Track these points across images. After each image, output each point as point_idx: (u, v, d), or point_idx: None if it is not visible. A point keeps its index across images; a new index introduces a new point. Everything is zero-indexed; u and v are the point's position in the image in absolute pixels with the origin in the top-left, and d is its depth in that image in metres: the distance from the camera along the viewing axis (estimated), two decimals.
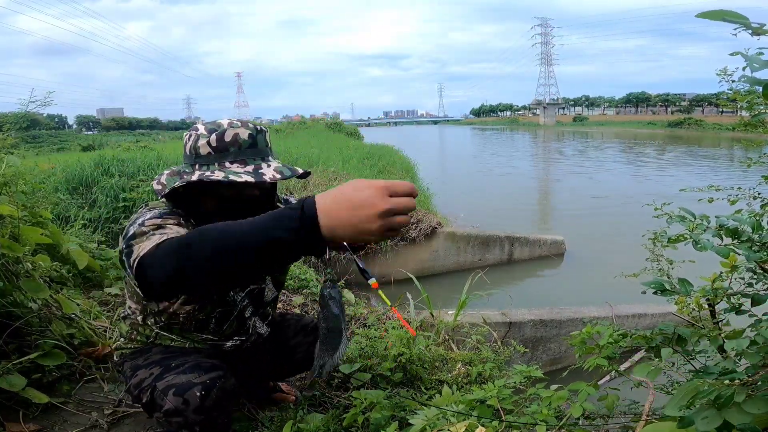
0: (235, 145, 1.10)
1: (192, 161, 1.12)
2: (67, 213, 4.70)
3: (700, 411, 0.66)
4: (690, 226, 1.00)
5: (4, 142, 1.79)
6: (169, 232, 0.98)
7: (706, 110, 67.32)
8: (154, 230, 0.97)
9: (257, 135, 1.13)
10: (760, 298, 0.99)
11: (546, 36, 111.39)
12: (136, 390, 1.16)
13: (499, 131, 68.65)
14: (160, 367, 1.16)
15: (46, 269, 1.74)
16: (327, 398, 1.80)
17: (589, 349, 1.27)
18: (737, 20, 0.56)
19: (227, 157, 1.10)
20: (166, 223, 1.02)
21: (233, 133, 1.10)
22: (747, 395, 0.64)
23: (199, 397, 1.05)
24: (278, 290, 1.45)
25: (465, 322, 2.75)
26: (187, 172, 1.12)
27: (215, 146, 1.09)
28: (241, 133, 1.11)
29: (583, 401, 1.20)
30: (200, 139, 1.11)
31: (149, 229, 0.97)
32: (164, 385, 1.10)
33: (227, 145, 1.10)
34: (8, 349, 1.52)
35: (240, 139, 1.10)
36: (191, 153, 1.12)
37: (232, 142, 1.10)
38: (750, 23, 0.57)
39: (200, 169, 1.09)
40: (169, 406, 1.06)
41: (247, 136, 1.11)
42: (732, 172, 14.62)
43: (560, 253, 6.99)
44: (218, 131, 1.10)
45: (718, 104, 1.37)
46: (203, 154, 1.10)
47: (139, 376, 1.18)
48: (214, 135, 1.10)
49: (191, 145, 1.12)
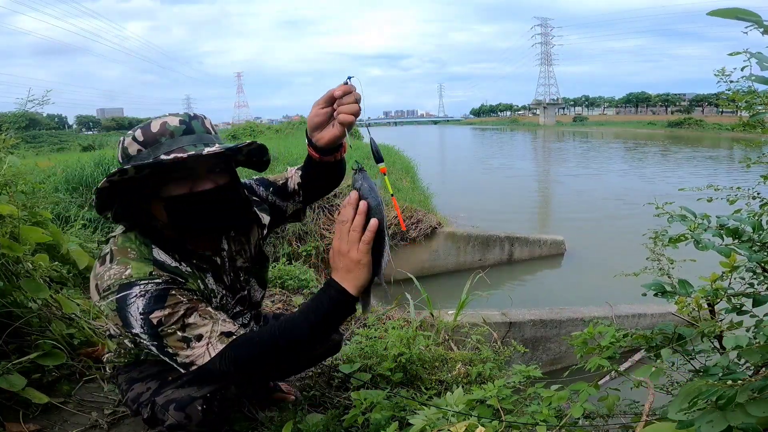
0: (166, 134, 1.00)
1: (124, 163, 1.02)
2: (67, 213, 4.70)
3: (705, 415, 0.66)
4: (691, 225, 1.00)
5: (4, 142, 1.78)
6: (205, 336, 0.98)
7: (706, 110, 67.30)
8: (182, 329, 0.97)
9: (191, 121, 1.03)
10: (760, 299, 0.99)
11: (546, 36, 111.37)
12: (134, 404, 1.15)
13: (499, 131, 68.64)
14: (156, 381, 1.14)
15: (46, 269, 1.73)
16: (327, 398, 1.80)
17: (590, 349, 1.27)
18: (750, 18, 0.56)
19: (160, 149, 0.99)
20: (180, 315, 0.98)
21: (160, 122, 1.01)
22: (750, 397, 0.64)
23: (201, 411, 1.06)
24: (263, 288, 1.41)
25: (465, 322, 2.75)
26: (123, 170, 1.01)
27: (142, 140, 1.00)
28: (170, 121, 1.01)
29: (583, 402, 1.19)
30: (126, 139, 1.02)
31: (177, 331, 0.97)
32: (164, 400, 1.08)
33: (156, 136, 1.00)
34: (8, 349, 1.52)
35: (169, 126, 1.00)
36: (122, 158, 1.03)
37: (161, 132, 1.00)
38: (762, 21, 0.57)
39: (134, 167, 0.98)
40: (171, 421, 1.06)
41: (177, 122, 1.01)
42: (746, 173, 14.59)
43: (560, 253, 6.99)
44: (144, 125, 1.02)
45: (718, 104, 1.37)
46: (132, 153, 1.01)
47: (135, 390, 1.16)
48: (139, 129, 1.02)
49: (120, 149, 1.03)
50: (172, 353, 0.99)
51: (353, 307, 0.99)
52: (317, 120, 1.09)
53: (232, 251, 1.24)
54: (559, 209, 11.26)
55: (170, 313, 0.97)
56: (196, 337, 0.98)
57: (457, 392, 1.37)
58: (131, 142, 1.01)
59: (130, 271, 1.00)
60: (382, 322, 2.60)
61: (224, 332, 0.99)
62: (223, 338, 0.99)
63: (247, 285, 1.31)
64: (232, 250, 1.24)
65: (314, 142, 1.15)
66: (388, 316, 2.74)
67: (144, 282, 0.99)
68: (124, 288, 0.99)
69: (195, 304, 1.01)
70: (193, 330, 0.98)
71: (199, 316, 0.99)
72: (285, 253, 5.15)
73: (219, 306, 1.19)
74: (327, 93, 1.04)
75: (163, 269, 1.04)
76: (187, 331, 0.98)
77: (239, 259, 1.27)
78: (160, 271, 1.03)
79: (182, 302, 0.99)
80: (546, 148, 32.23)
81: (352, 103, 1.02)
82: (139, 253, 1.05)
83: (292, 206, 1.39)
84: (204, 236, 1.16)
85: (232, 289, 1.25)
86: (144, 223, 1.08)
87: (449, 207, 8.85)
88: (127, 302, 0.98)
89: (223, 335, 0.99)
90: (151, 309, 0.97)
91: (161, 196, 1.04)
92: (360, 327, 2.56)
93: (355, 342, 2.08)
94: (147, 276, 1.00)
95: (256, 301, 1.37)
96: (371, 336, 2.18)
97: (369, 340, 2.09)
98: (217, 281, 1.19)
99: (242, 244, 1.28)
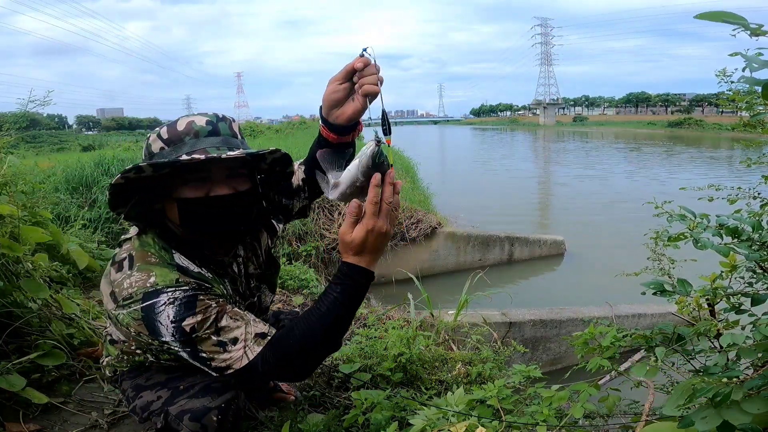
0: (191, 134, 0.97)
1: (146, 159, 1.01)
2: (67, 213, 4.70)
3: (700, 411, 0.66)
4: (690, 224, 1.00)
5: (4, 142, 1.79)
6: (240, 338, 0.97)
7: (706, 110, 67.32)
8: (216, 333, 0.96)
9: (218, 122, 1.00)
10: (759, 298, 0.99)
11: (546, 36, 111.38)
12: (143, 412, 1.13)
13: (499, 131, 68.66)
14: (167, 390, 1.11)
15: (46, 269, 1.73)
16: (327, 398, 1.80)
17: (591, 349, 1.27)
18: (736, 21, 0.56)
19: (182, 149, 0.97)
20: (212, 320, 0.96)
21: (187, 121, 0.99)
22: (746, 394, 0.64)
23: (217, 422, 1.04)
24: (273, 294, 1.40)
25: (465, 322, 2.75)
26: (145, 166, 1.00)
27: (167, 138, 0.98)
28: (196, 120, 0.99)
29: (584, 402, 1.19)
30: (152, 135, 1.01)
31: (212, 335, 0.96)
32: (178, 410, 1.06)
33: (181, 134, 0.97)
34: (8, 349, 1.52)
35: (195, 126, 0.98)
36: (145, 154, 1.01)
37: (185, 131, 0.98)
38: (749, 24, 0.57)
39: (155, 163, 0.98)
40: (186, 431, 1.05)
41: (204, 122, 0.99)
42: (751, 174, 14.57)
43: (560, 253, 6.99)
44: (171, 123, 1.00)
45: (718, 104, 1.37)
46: (155, 151, 0.99)
47: (144, 398, 1.13)
48: (166, 127, 1.00)
49: (145, 144, 1.01)
50: (207, 358, 0.97)
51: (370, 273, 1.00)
52: (335, 96, 1.05)
53: (246, 258, 1.24)
54: (559, 209, 11.26)
55: (203, 318, 0.95)
56: (232, 340, 0.97)
57: (458, 392, 1.37)
58: (155, 138, 0.99)
59: (154, 278, 0.97)
60: (382, 322, 2.60)
61: (258, 333, 0.98)
62: (258, 340, 0.98)
63: (257, 291, 1.30)
64: (246, 256, 1.23)
65: (332, 121, 1.10)
66: (388, 316, 2.74)
67: (171, 289, 0.96)
68: (150, 296, 0.96)
69: (223, 306, 0.99)
70: (227, 333, 0.97)
71: (230, 319, 0.98)
72: (285, 253, 5.15)
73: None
74: (344, 68, 1.02)
75: (187, 275, 1.01)
76: (222, 335, 0.96)
77: (251, 265, 1.26)
78: (185, 277, 1.00)
79: (212, 306, 0.97)
80: (546, 148, 32.24)
81: (373, 74, 0.99)
82: (161, 258, 1.02)
83: (298, 203, 1.36)
84: (219, 241, 1.13)
85: (243, 296, 1.24)
86: (158, 224, 1.06)
87: (449, 207, 8.85)
88: (155, 311, 0.95)
89: (258, 337, 0.98)
90: (182, 316, 0.94)
91: (175, 197, 1.01)
92: (360, 327, 2.57)
93: (355, 342, 2.08)
94: (174, 283, 0.97)
95: (266, 307, 1.36)
96: (371, 336, 2.18)
97: (369, 340, 2.09)
98: (233, 286, 1.18)
99: (254, 249, 1.27)
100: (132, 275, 0.98)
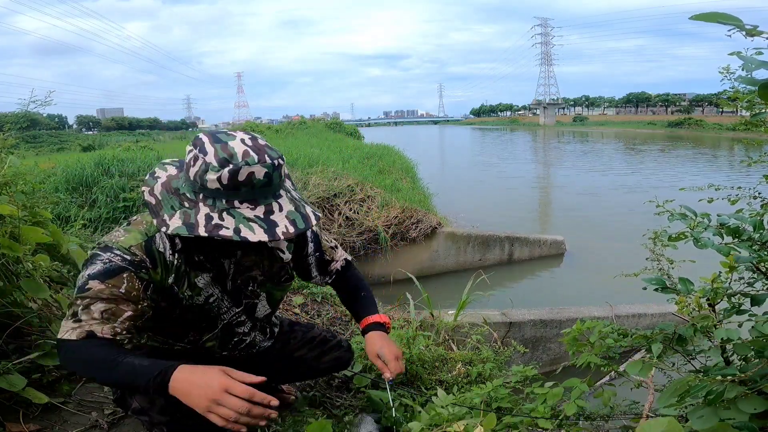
0: (249, 185, 0.98)
1: (196, 189, 1.01)
2: (67, 213, 4.70)
3: (696, 410, 0.66)
4: (691, 224, 1.00)
5: (5, 142, 1.79)
6: (84, 323, 0.99)
7: (706, 110, 67.31)
8: (76, 312, 0.99)
9: (273, 172, 1.01)
10: (759, 298, 0.99)
11: (546, 36, 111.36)
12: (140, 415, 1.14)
13: (499, 131, 68.66)
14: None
15: (46, 269, 1.73)
16: (327, 399, 1.80)
17: (581, 345, 1.27)
18: (731, 22, 0.56)
19: (237, 197, 0.98)
20: (97, 298, 0.99)
21: (248, 172, 0.97)
22: (743, 393, 0.64)
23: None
24: (273, 308, 1.37)
25: (465, 322, 2.75)
26: (189, 199, 1.01)
27: (226, 184, 0.97)
28: (256, 173, 0.98)
29: (576, 398, 1.20)
30: (210, 171, 0.97)
31: (77, 307, 1.00)
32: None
33: (239, 184, 0.98)
34: (8, 349, 1.52)
35: (255, 179, 0.98)
36: (196, 181, 1.00)
37: (245, 182, 0.98)
38: (744, 25, 0.57)
39: (205, 204, 0.99)
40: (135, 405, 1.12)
41: (263, 175, 0.99)
42: (752, 174, 14.55)
43: (560, 253, 6.99)
44: (231, 168, 0.96)
45: (719, 104, 1.37)
46: (211, 188, 0.99)
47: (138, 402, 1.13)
48: (227, 172, 0.96)
49: (197, 172, 0.99)
50: (66, 314, 1.02)
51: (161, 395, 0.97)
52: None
53: (247, 259, 1.23)
54: (559, 209, 11.26)
55: (101, 290, 1.00)
56: (76, 317, 1.00)
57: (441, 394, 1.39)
58: (214, 180, 0.97)
59: (123, 238, 1.06)
60: None
61: (89, 330, 0.99)
62: (81, 333, 0.99)
63: (254, 298, 1.29)
64: (246, 258, 1.22)
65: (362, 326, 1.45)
66: (388, 316, 2.74)
67: (117, 253, 1.03)
68: (102, 249, 1.04)
69: (118, 298, 1.01)
70: (85, 312, 0.99)
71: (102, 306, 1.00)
72: None
73: (206, 306, 1.18)
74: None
75: (148, 252, 1.06)
76: (83, 310, 1.00)
77: (256, 270, 1.26)
78: (140, 249, 1.05)
79: (115, 288, 1.01)
80: (546, 148, 32.24)
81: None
82: (147, 228, 1.09)
83: (318, 279, 1.46)
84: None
85: (232, 296, 1.23)
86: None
87: (449, 207, 8.86)
88: (93, 261, 1.03)
89: (85, 331, 0.99)
90: (94, 276, 1.01)
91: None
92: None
93: (356, 343, 2.08)
94: (124, 248, 1.04)
95: (258, 317, 1.34)
96: None
97: None
98: (215, 282, 1.18)
99: (261, 255, 1.26)
100: (119, 230, 1.09)
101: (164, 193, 1.06)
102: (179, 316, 1.16)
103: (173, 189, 1.05)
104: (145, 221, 1.10)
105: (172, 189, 1.05)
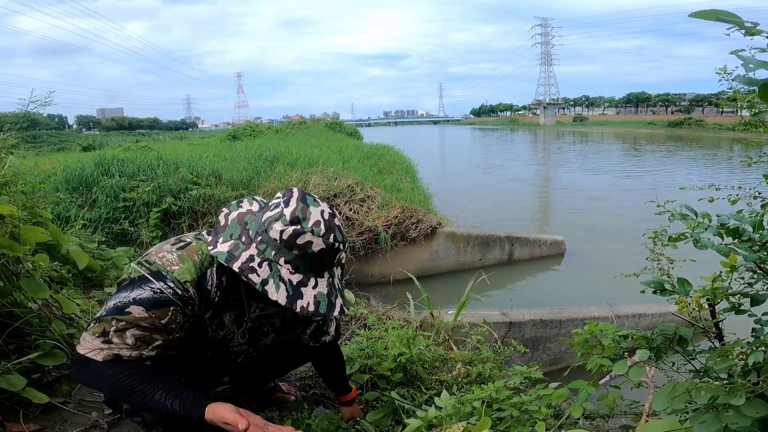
0: (301, 252, 1.02)
1: (260, 231, 1.05)
2: (67, 213, 4.70)
3: (699, 414, 0.66)
4: (691, 224, 1.00)
5: (5, 142, 1.78)
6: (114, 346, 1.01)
7: (706, 110, 67.27)
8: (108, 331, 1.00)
9: (329, 252, 1.04)
10: (759, 298, 0.99)
11: (546, 36, 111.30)
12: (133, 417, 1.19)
13: (499, 131, 68.64)
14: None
15: (46, 269, 1.73)
16: (327, 399, 1.80)
17: (590, 347, 1.27)
18: (731, 20, 0.56)
19: (286, 255, 1.02)
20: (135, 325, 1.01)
21: (307, 240, 1.01)
22: (746, 397, 0.63)
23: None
24: (274, 344, 1.41)
25: (465, 322, 2.75)
26: (249, 236, 1.05)
27: (285, 240, 1.02)
28: (314, 244, 1.02)
29: (582, 401, 1.19)
30: (279, 222, 1.02)
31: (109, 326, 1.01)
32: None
33: (294, 246, 1.02)
34: (8, 349, 1.52)
35: (310, 249, 1.02)
36: (263, 223, 1.05)
37: (300, 248, 1.02)
38: (743, 23, 0.56)
39: (257, 247, 1.03)
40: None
41: (318, 250, 1.03)
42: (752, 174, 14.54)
43: (560, 253, 6.99)
44: (297, 229, 1.01)
45: (718, 104, 1.36)
46: (271, 237, 1.03)
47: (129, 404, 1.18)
48: (291, 230, 1.01)
49: (271, 217, 1.04)
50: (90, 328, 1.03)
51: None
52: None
53: (273, 308, 1.28)
54: (559, 209, 11.26)
55: (143, 318, 1.01)
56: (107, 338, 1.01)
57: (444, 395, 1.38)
58: (277, 231, 1.02)
59: (177, 268, 1.05)
60: (382, 322, 2.60)
61: (116, 354, 1.02)
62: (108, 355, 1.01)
63: (264, 336, 1.34)
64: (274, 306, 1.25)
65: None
66: (388, 316, 2.74)
67: (170, 285, 1.03)
68: (155, 276, 1.04)
69: (154, 329, 1.03)
70: (118, 335, 1.01)
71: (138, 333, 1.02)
72: None
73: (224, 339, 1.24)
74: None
75: (199, 289, 1.08)
76: (116, 332, 1.01)
77: (277, 318, 1.32)
78: (191, 286, 1.06)
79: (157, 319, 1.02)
80: (546, 149, 32.24)
81: None
82: (201, 261, 1.09)
83: (307, 339, 1.48)
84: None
85: (245, 333, 1.28)
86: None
87: (449, 207, 8.85)
88: (141, 285, 1.02)
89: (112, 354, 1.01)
90: (139, 303, 1.01)
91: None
92: (360, 327, 2.57)
93: (355, 342, 2.08)
94: (178, 283, 1.04)
95: (258, 346, 1.38)
96: (371, 336, 2.18)
97: (369, 340, 2.09)
98: (236, 321, 1.23)
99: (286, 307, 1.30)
100: (172, 253, 1.07)
101: (235, 221, 1.10)
102: (194, 343, 1.19)
103: (243, 222, 1.09)
104: (200, 250, 1.10)
105: (243, 221, 1.09)
